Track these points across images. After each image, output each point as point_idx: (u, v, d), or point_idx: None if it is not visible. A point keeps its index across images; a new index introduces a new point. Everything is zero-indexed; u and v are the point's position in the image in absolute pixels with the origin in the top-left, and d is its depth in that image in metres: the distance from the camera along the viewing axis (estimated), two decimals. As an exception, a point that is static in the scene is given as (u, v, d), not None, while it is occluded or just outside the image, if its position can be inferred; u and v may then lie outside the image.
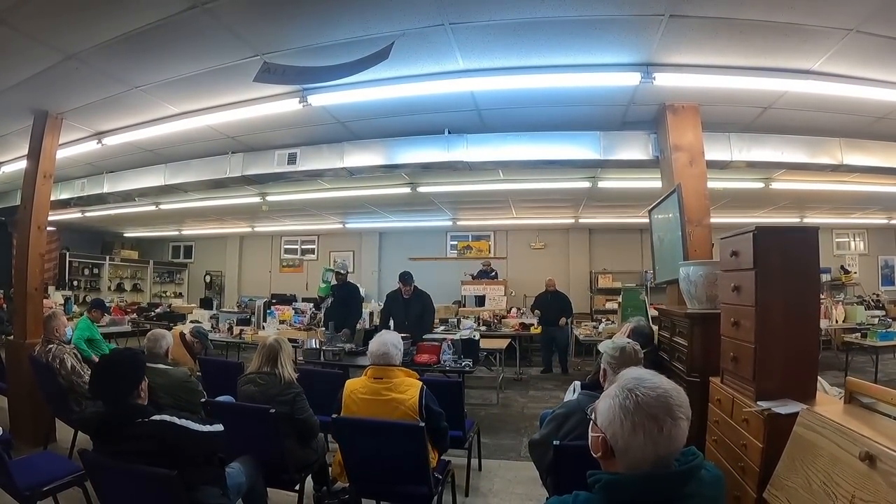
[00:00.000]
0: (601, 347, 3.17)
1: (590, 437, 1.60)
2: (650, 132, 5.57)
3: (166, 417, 2.45)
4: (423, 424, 3.02)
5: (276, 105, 5.07)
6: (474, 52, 4.20)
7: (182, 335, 5.96)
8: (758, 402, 2.63)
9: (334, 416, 3.21)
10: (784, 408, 2.53)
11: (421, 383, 3.36)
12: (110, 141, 6.18)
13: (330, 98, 4.90)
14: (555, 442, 2.61)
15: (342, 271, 7.80)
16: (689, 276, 3.93)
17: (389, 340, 3.43)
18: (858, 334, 8.54)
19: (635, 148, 5.65)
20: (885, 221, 12.05)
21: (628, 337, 3.78)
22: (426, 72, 4.49)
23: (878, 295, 12.04)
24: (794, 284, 2.72)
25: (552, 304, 10.03)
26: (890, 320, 9.65)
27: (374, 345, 3.44)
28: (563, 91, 4.82)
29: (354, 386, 3.38)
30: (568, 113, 5.43)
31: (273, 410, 3.28)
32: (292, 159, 6.43)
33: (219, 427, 2.64)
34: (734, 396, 2.90)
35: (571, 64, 4.33)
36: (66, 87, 4.84)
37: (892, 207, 10.65)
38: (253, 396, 3.54)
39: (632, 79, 4.39)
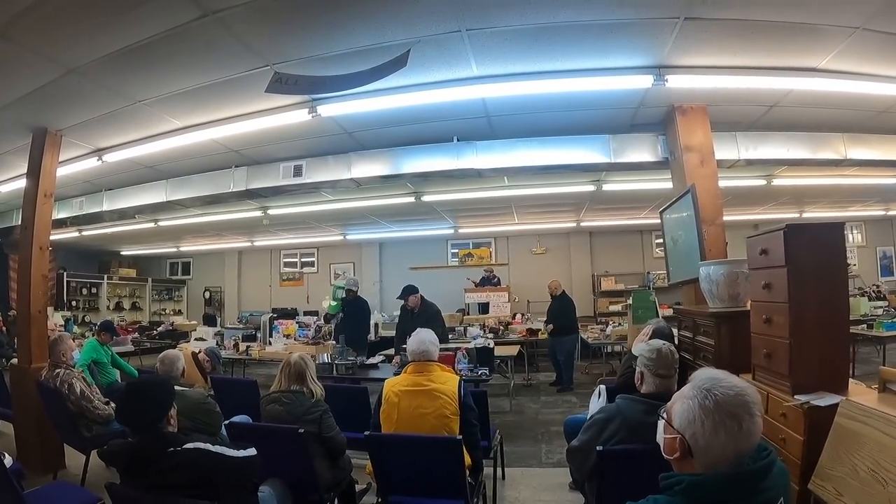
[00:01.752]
0: (635, 351, 3.17)
1: (663, 440, 1.63)
2: (659, 134, 5.59)
3: (200, 445, 2.32)
4: (460, 438, 3.01)
5: (285, 116, 5.03)
6: (489, 59, 4.19)
7: (194, 354, 5.89)
8: (795, 396, 2.67)
9: (367, 433, 3.17)
10: (822, 400, 2.58)
11: (458, 377, 3.52)
12: (111, 157, 6.12)
13: (340, 108, 4.86)
14: (598, 447, 2.59)
15: (353, 288, 7.74)
16: (710, 275, 3.93)
17: (427, 338, 3.58)
18: (864, 326, 8.54)
19: (644, 150, 5.68)
20: (883, 213, 12.14)
21: (651, 339, 3.75)
22: (439, 79, 4.48)
23: (878, 286, 12.06)
24: (824, 279, 2.78)
25: (553, 311, 9.25)
26: (894, 310, 9.70)
27: (412, 343, 3.58)
28: (575, 95, 4.82)
29: (395, 381, 3.50)
30: (577, 117, 5.44)
31: (302, 430, 3.22)
32: (298, 171, 6.39)
33: (252, 451, 2.53)
34: (769, 392, 2.92)
35: (585, 68, 4.35)
36: (66, 102, 4.78)
37: (889, 199, 10.75)
38: (279, 416, 3.46)
39: (644, 82, 4.40)
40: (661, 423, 1.67)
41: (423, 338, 3.57)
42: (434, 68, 4.31)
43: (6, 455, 3.28)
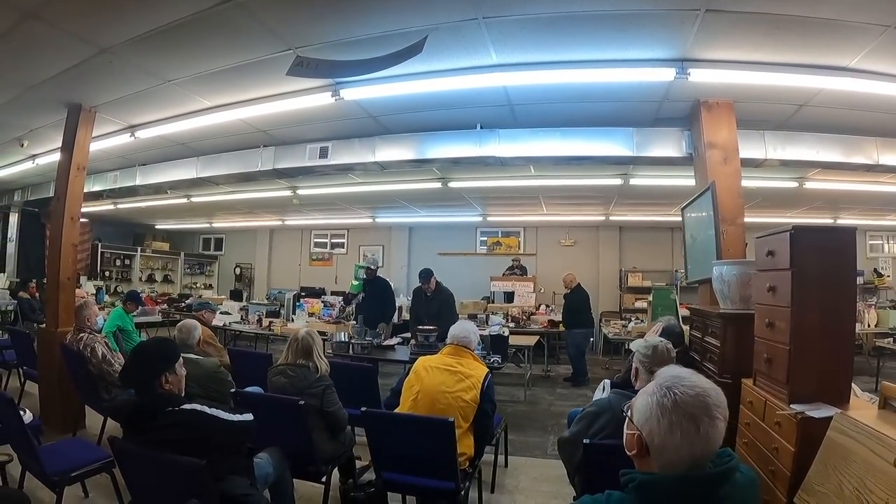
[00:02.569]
0: (633, 346, 3.15)
1: (625, 435, 1.59)
2: (684, 129, 5.49)
3: (196, 406, 2.46)
4: (452, 419, 3.03)
5: (309, 99, 5.10)
6: (507, 47, 4.17)
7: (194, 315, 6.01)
8: (791, 406, 2.59)
9: (363, 408, 3.22)
10: (818, 412, 2.48)
11: (488, 370, 3.58)
12: (143, 134, 6.29)
13: (362, 92, 4.91)
14: (585, 440, 2.60)
15: (372, 266, 7.84)
16: (723, 275, 3.87)
17: (471, 328, 3.80)
18: (891, 339, 8.31)
19: (668, 145, 5.58)
20: (921, 223, 11.71)
21: (659, 336, 3.73)
22: (459, 66, 4.47)
23: (911, 299, 11.75)
24: (830, 286, 2.66)
25: (567, 305, 9.14)
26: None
27: (455, 328, 3.76)
28: (596, 87, 4.77)
29: (429, 358, 3.67)
30: (600, 109, 5.37)
31: (302, 402, 3.31)
32: (324, 153, 6.46)
33: (249, 417, 2.65)
34: (766, 399, 2.85)
35: (605, 59, 4.30)
36: (99, 80, 4.94)
37: (928, 209, 10.35)
38: (283, 388, 3.57)
39: (666, 74, 4.32)
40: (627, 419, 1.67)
41: (467, 326, 3.79)
42: (453, 55, 4.30)
43: (27, 411, 3.45)
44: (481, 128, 5.87)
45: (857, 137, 5.67)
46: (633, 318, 10.31)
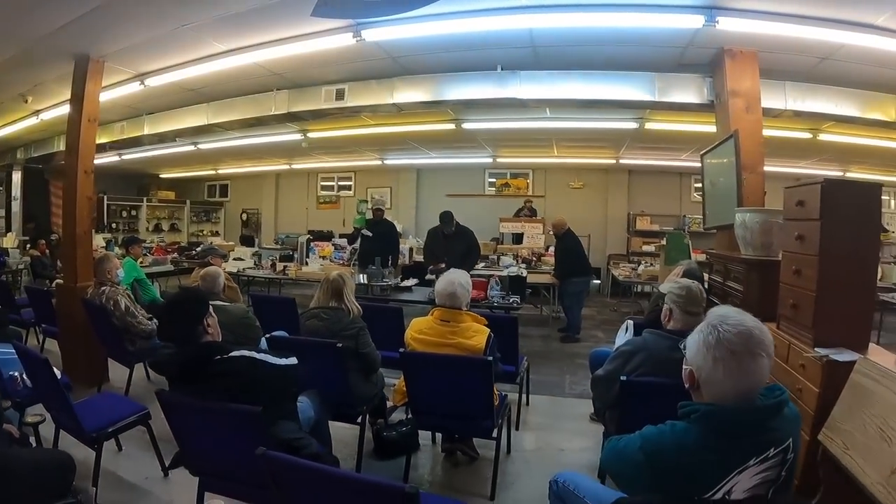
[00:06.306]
0: (663, 289, 3.22)
1: (683, 370, 1.71)
2: (706, 76, 5.42)
3: (245, 352, 2.45)
4: (490, 358, 3.07)
5: (329, 40, 4.99)
6: (536, -13, 4.09)
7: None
8: (816, 349, 2.72)
9: (402, 350, 3.26)
10: (841, 356, 2.63)
11: (489, 330, 3.30)
12: (153, 82, 6.16)
13: (385, 33, 4.81)
14: (622, 377, 2.70)
15: (381, 207, 7.83)
16: (746, 222, 3.94)
17: (457, 280, 3.36)
18: (894, 294, 8.36)
19: (690, 91, 5.52)
20: (926, 179, 11.58)
21: (682, 278, 3.81)
22: (486, 6, 4.39)
23: (914, 254, 11.72)
24: (856, 237, 2.79)
25: (560, 253, 8.26)
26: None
27: (440, 284, 3.38)
28: (622, 31, 4.69)
29: (420, 326, 3.36)
30: (623, 52, 5.28)
31: (340, 345, 3.35)
32: (340, 95, 6.37)
33: (294, 360, 2.62)
34: (791, 342, 2.99)
35: (636, 3, 4.23)
36: (109, 28, 4.78)
37: (936, 167, 10.25)
38: (318, 331, 3.60)
39: (695, 21, 4.26)
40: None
41: (452, 279, 3.34)
42: (482, -5, 4.21)
43: (55, 369, 3.49)
44: (502, 69, 5.79)
45: (877, 94, 5.65)
46: (642, 262, 10.41)
